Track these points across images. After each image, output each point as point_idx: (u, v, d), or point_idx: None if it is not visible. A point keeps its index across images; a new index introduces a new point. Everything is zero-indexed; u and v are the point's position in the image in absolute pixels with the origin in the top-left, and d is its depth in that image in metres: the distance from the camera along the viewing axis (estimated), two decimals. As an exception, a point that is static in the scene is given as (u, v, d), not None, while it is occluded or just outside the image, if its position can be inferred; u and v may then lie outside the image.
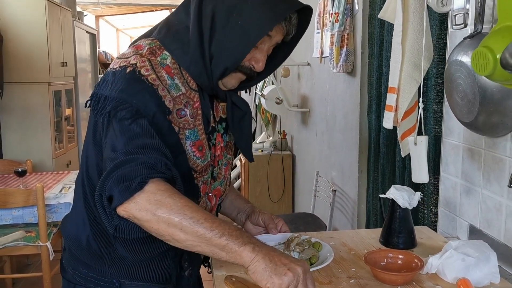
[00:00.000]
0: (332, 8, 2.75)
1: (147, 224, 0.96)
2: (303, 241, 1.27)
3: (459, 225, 1.50)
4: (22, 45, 4.30)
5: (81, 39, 5.60)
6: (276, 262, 0.93)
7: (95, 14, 9.05)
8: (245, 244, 0.94)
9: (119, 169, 0.96)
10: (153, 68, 1.09)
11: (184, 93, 1.14)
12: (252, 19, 1.07)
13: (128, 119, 1.02)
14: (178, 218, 0.93)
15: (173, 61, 1.14)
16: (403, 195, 1.33)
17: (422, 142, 1.32)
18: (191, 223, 0.93)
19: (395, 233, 1.35)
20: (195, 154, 1.17)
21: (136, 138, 1.00)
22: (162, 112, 1.07)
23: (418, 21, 1.37)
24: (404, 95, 1.41)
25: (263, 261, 0.92)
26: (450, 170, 1.55)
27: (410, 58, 1.39)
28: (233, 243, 0.93)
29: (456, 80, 1.30)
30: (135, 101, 1.04)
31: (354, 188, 2.61)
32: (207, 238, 0.93)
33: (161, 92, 1.08)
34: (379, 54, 2.30)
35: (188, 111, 1.14)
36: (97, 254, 1.20)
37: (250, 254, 0.93)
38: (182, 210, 0.94)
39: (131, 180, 0.94)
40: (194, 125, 1.16)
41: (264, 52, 1.16)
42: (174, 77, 1.13)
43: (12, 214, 2.97)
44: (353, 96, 2.60)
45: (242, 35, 1.08)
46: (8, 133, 4.37)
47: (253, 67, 1.16)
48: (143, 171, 0.95)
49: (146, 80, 1.07)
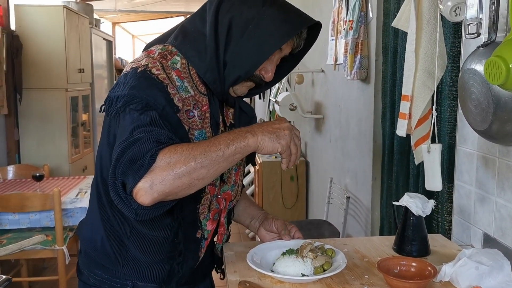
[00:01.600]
0: (347, 15, 2.76)
1: (172, 188, 1.00)
2: (316, 248, 1.28)
3: (473, 233, 1.50)
4: (40, 52, 4.39)
5: (97, 46, 5.68)
6: (272, 130, 1.08)
7: (111, 21, 9.17)
8: (245, 136, 1.06)
9: (127, 151, 0.99)
10: (164, 69, 1.13)
11: (193, 96, 1.17)
12: (268, 32, 1.12)
13: (138, 110, 1.05)
14: (193, 162, 1.00)
15: (183, 66, 1.18)
16: (416, 202, 1.34)
17: (436, 150, 1.32)
18: (203, 157, 1.01)
19: (409, 241, 1.35)
20: None
21: (143, 126, 1.03)
22: (171, 107, 1.10)
23: (432, 30, 1.38)
24: (418, 103, 1.41)
25: (264, 136, 1.07)
26: (464, 178, 1.54)
27: (424, 66, 1.40)
28: (239, 143, 1.05)
29: (470, 89, 1.30)
30: (145, 95, 1.07)
31: (368, 195, 2.61)
32: (221, 156, 1.03)
33: (170, 90, 1.11)
34: (393, 61, 2.30)
35: (197, 113, 1.17)
36: (111, 255, 1.23)
37: (253, 138, 1.06)
38: (191, 154, 1.00)
39: (141, 158, 0.98)
40: (202, 126, 1.19)
41: (274, 63, 1.21)
42: (184, 80, 1.16)
43: (30, 218, 3.02)
44: (367, 103, 2.60)
45: (258, 47, 1.13)
46: (26, 138, 4.45)
47: (263, 76, 1.21)
48: (150, 146, 0.99)
49: (157, 78, 1.10)
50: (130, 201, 1.00)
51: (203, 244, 1.30)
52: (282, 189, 4.06)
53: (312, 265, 1.21)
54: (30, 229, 3.12)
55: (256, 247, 1.32)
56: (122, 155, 0.99)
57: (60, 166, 4.48)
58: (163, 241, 1.22)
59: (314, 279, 1.18)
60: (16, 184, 3.50)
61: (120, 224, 1.21)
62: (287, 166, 1.14)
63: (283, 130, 1.09)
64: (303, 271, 1.19)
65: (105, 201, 1.22)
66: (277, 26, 1.12)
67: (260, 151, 1.08)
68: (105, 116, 1.18)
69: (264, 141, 1.07)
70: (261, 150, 1.08)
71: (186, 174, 0.99)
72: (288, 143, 1.09)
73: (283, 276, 1.18)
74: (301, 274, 1.19)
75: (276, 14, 1.13)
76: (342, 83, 3.04)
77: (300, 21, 1.16)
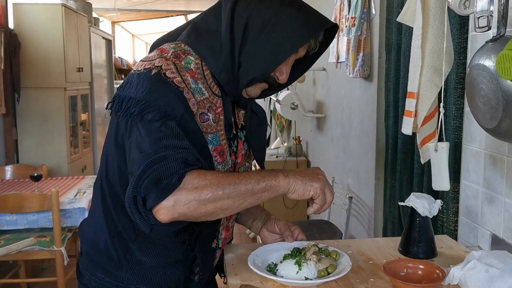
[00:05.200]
0: (349, 12, 2.72)
1: (194, 212, 0.99)
2: (320, 250, 1.24)
3: (480, 234, 1.46)
4: (39, 51, 4.35)
5: (97, 45, 5.64)
6: (305, 174, 1.08)
7: (111, 20, 9.13)
8: (277, 176, 1.05)
9: (152, 168, 0.96)
10: (178, 71, 1.08)
11: (207, 98, 1.12)
12: (285, 34, 1.08)
13: (157, 121, 1.01)
14: (221, 191, 0.99)
15: (197, 66, 1.12)
16: (423, 203, 1.30)
17: (443, 148, 1.28)
18: (232, 188, 1.00)
19: (415, 242, 1.31)
20: (217, 159, 1.15)
21: (163, 139, 1.00)
22: (189, 114, 1.06)
23: (439, 25, 1.34)
24: (424, 100, 1.37)
25: (297, 179, 1.06)
26: (471, 177, 1.50)
27: (430, 62, 1.35)
28: (269, 181, 1.04)
29: (478, 85, 1.26)
30: (162, 103, 1.02)
31: (371, 195, 2.57)
32: (250, 190, 1.02)
33: (186, 94, 1.06)
34: (397, 59, 2.26)
35: (211, 116, 1.12)
36: (114, 258, 1.19)
37: (285, 180, 1.05)
38: (220, 182, 0.99)
39: (168, 178, 0.96)
40: (216, 130, 1.14)
41: (289, 65, 1.17)
42: (198, 81, 1.11)
43: (28, 218, 2.99)
44: (370, 101, 2.56)
45: (274, 49, 1.09)
46: (25, 138, 4.41)
47: (278, 78, 1.17)
48: (178, 166, 0.97)
49: (172, 82, 1.05)
50: (149, 217, 0.98)
51: (216, 254, 1.29)
52: (283, 189, 4.02)
53: (316, 268, 1.17)
54: (28, 230, 3.08)
55: (257, 249, 1.28)
56: (147, 171, 0.96)
57: (59, 166, 4.44)
58: (170, 245, 1.18)
59: (317, 283, 1.14)
60: (14, 184, 3.46)
61: (125, 227, 1.16)
62: (316, 212, 1.12)
63: (317, 175, 1.09)
64: (307, 275, 1.15)
65: (109, 202, 1.17)
66: (296, 28, 1.08)
67: (290, 194, 1.07)
68: (113, 115, 1.13)
69: (295, 184, 1.06)
70: (292, 194, 1.07)
71: (211, 201, 0.99)
72: (322, 187, 1.08)
73: (285, 280, 1.14)
74: (304, 277, 1.15)
75: (295, 16, 1.09)
76: (344, 81, 3.00)
77: (319, 23, 1.12)
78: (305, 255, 1.21)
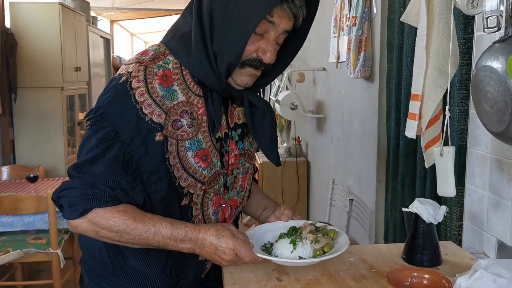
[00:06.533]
0: (349, 12, 2.67)
1: (94, 238, 1.10)
2: (317, 229, 1.19)
3: (486, 240, 1.42)
4: (36, 50, 4.31)
5: (95, 44, 5.60)
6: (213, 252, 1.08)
7: (109, 19, 9.07)
8: (184, 248, 1.09)
9: (68, 190, 1.05)
10: (146, 79, 1.07)
11: (184, 101, 1.09)
12: (248, 5, 1.02)
13: (105, 142, 1.05)
14: (118, 239, 1.07)
15: (175, 66, 1.10)
16: (427, 209, 1.25)
17: (449, 153, 1.24)
18: (132, 239, 1.07)
19: (419, 249, 1.27)
20: (200, 165, 1.12)
21: (101, 163, 1.04)
22: (141, 136, 1.06)
23: (444, 25, 1.29)
24: (429, 103, 1.33)
25: (205, 252, 1.09)
26: (476, 182, 1.46)
27: (435, 63, 1.31)
28: (178, 244, 1.08)
29: (485, 87, 1.22)
30: (118, 122, 1.05)
31: (372, 197, 2.53)
32: (150, 244, 1.09)
33: (146, 109, 1.05)
34: (399, 59, 2.22)
35: (185, 121, 1.09)
36: (108, 265, 1.19)
37: (192, 249, 1.10)
38: (120, 232, 1.05)
39: (76, 206, 1.04)
40: (194, 134, 1.11)
41: (271, 41, 1.09)
42: (174, 83, 1.09)
43: (24, 220, 2.95)
44: (371, 102, 2.52)
45: (240, 24, 1.02)
46: (21, 138, 4.37)
47: (261, 58, 1.10)
48: (87, 203, 1.03)
49: (133, 96, 1.05)
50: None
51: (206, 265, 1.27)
52: (283, 190, 3.98)
53: (312, 247, 1.13)
54: (24, 231, 3.05)
55: (254, 229, 1.25)
56: (65, 189, 1.05)
57: (56, 167, 4.39)
58: (157, 252, 1.17)
59: (312, 261, 1.11)
60: (10, 185, 3.42)
61: None
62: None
63: (224, 254, 1.08)
64: (301, 254, 1.12)
65: None
66: None
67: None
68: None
69: (203, 253, 1.10)
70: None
71: (107, 239, 1.09)
72: (232, 260, 1.09)
73: (278, 259, 1.11)
74: (298, 257, 1.11)
75: None
76: (344, 82, 2.96)
77: None
78: (301, 234, 1.17)
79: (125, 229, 1.05)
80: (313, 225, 1.21)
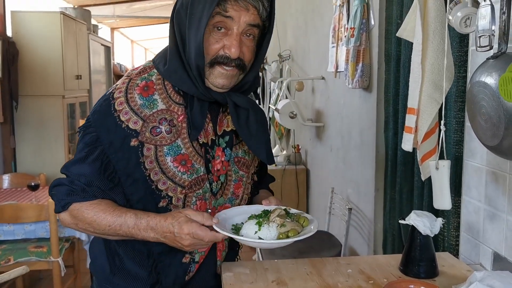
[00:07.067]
0: (348, 22, 2.71)
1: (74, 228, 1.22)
2: (289, 215, 1.20)
3: (482, 251, 1.44)
4: (37, 58, 4.34)
5: (95, 51, 5.63)
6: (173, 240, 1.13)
7: (110, 27, 9.12)
8: (147, 236, 1.15)
9: (58, 187, 1.19)
10: (126, 91, 1.17)
11: (164, 109, 1.17)
12: (200, 5, 1.10)
13: (88, 146, 1.16)
14: (92, 230, 1.18)
15: (158, 77, 1.20)
16: (424, 221, 1.28)
17: (444, 167, 1.26)
18: (102, 230, 1.17)
19: (416, 261, 1.29)
20: (179, 170, 1.17)
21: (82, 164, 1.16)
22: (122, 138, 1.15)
23: (439, 41, 1.32)
24: (424, 117, 1.35)
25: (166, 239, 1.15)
26: (472, 193, 1.48)
27: (431, 78, 1.34)
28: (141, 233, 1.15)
29: (479, 102, 1.24)
30: (100, 126, 1.16)
31: (370, 206, 2.55)
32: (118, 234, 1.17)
33: (123, 117, 1.15)
34: (396, 70, 2.24)
35: (164, 128, 1.16)
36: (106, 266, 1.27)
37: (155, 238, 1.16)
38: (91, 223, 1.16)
39: (59, 201, 1.18)
40: (172, 140, 1.16)
41: (234, 36, 1.13)
42: (155, 93, 1.17)
43: (25, 229, 2.97)
44: (369, 112, 2.54)
45: (196, 25, 1.11)
46: (22, 146, 4.39)
47: (229, 55, 1.14)
48: (67, 197, 1.16)
49: (113, 105, 1.16)
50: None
51: (191, 268, 1.27)
52: (282, 197, 3.99)
53: (277, 230, 1.13)
54: (25, 240, 3.06)
55: (228, 210, 1.25)
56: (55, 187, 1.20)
57: (57, 175, 4.35)
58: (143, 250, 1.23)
59: (269, 243, 1.12)
60: (12, 194, 3.44)
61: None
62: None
63: (182, 239, 1.12)
64: (264, 236, 1.13)
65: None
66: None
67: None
68: None
69: (165, 240, 1.15)
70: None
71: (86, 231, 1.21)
72: (192, 244, 1.12)
73: (238, 237, 1.12)
74: (258, 237, 1.13)
75: None
76: (343, 91, 2.99)
77: None
78: (269, 217, 1.17)
79: (96, 220, 1.15)
80: (285, 210, 1.20)
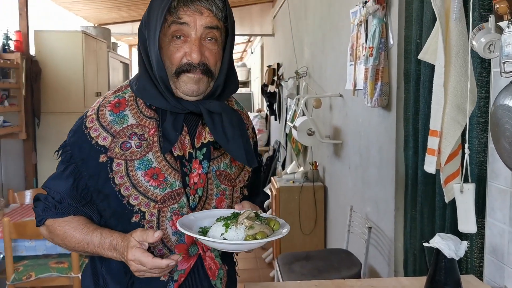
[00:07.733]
0: (366, 41, 2.72)
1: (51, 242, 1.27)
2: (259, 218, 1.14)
3: (507, 274, 1.42)
4: (59, 76, 4.44)
5: (114, 68, 5.74)
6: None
7: (128, 44, 9.28)
8: (112, 252, 1.14)
9: (37, 202, 1.24)
10: (98, 108, 1.20)
11: (134, 124, 1.19)
12: (153, 18, 1.14)
13: (63, 163, 1.21)
14: (64, 246, 1.22)
15: (131, 95, 1.22)
16: (449, 244, 1.27)
17: (469, 190, 1.26)
18: (73, 245, 1.20)
19: (441, 285, 1.29)
20: (151, 184, 1.16)
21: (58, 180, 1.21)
22: (92, 155, 1.17)
23: (461, 64, 1.33)
24: (448, 139, 1.36)
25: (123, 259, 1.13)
26: (496, 215, 1.47)
27: (454, 100, 1.34)
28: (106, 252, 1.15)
29: (503, 125, 1.25)
30: (73, 146, 1.20)
31: (391, 225, 2.54)
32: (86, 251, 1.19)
33: (93, 133, 1.18)
34: (416, 89, 2.25)
35: (134, 142, 1.17)
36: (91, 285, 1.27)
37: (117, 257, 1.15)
38: (63, 239, 1.20)
39: (37, 216, 1.23)
40: (142, 154, 1.17)
41: (193, 41, 1.15)
42: (126, 108, 1.20)
43: (46, 244, 3.00)
44: (388, 130, 2.54)
45: (152, 37, 1.15)
46: (44, 162, 4.47)
47: (191, 61, 1.15)
48: (43, 213, 1.21)
49: (84, 123, 1.19)
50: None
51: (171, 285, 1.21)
52: (300, 215, 3.99)
53: (245, 233, 1.07)
54: (46, 255, 3.10)
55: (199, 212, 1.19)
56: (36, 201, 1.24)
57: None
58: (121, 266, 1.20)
59: (234, 244, 1.05)
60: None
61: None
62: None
63: (130, 265, 1.10)
64: (230, 237, 1.06)
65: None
66: (158, 4, 1.13)
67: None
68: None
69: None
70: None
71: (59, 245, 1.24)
72: (139, 270, 1.09)
73: (199, 237, 1.06)
74: (223, 239, 1.07)
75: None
76: (361, 109, 2.99)
77: None
78: (238, 219, 1.12)
79: (67, 237, 1.19)
80: (255, 212, 1.14)
